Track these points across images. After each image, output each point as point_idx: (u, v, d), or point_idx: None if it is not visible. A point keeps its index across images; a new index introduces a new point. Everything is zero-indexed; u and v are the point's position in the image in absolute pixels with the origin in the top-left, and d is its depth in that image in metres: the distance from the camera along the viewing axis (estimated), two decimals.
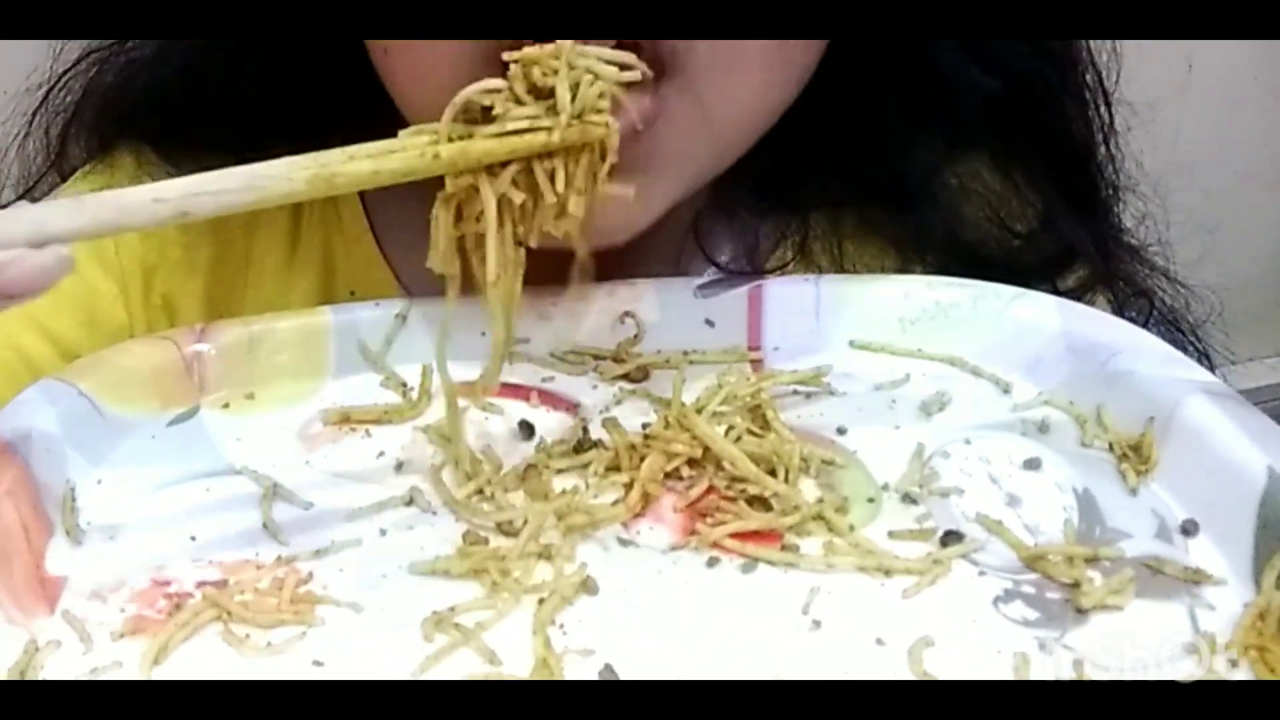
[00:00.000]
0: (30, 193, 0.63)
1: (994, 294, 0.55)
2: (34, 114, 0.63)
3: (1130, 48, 0.61)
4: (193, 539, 0.45)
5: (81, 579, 0.44)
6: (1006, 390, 0.53)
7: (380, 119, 0.55)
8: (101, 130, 0.62)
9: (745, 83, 0.51)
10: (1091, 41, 0.63)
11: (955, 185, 0.64)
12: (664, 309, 0.55)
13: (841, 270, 0.63)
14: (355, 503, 0.47)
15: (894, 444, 0.50)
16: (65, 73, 0.62)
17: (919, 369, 0.54)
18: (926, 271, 0.62)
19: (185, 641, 0.41)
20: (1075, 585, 0.43)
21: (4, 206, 0.63)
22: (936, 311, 0.55)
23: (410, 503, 0.47)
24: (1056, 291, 0.59)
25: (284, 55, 0.57)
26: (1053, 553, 0.44)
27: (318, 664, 0.40)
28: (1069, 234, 0.64)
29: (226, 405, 0.52)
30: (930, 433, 0.50)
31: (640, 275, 0.56)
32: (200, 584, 0.43)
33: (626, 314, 0.55)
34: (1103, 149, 0.64)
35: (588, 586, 0.43)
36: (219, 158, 0.57)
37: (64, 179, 0.63)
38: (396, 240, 0.62)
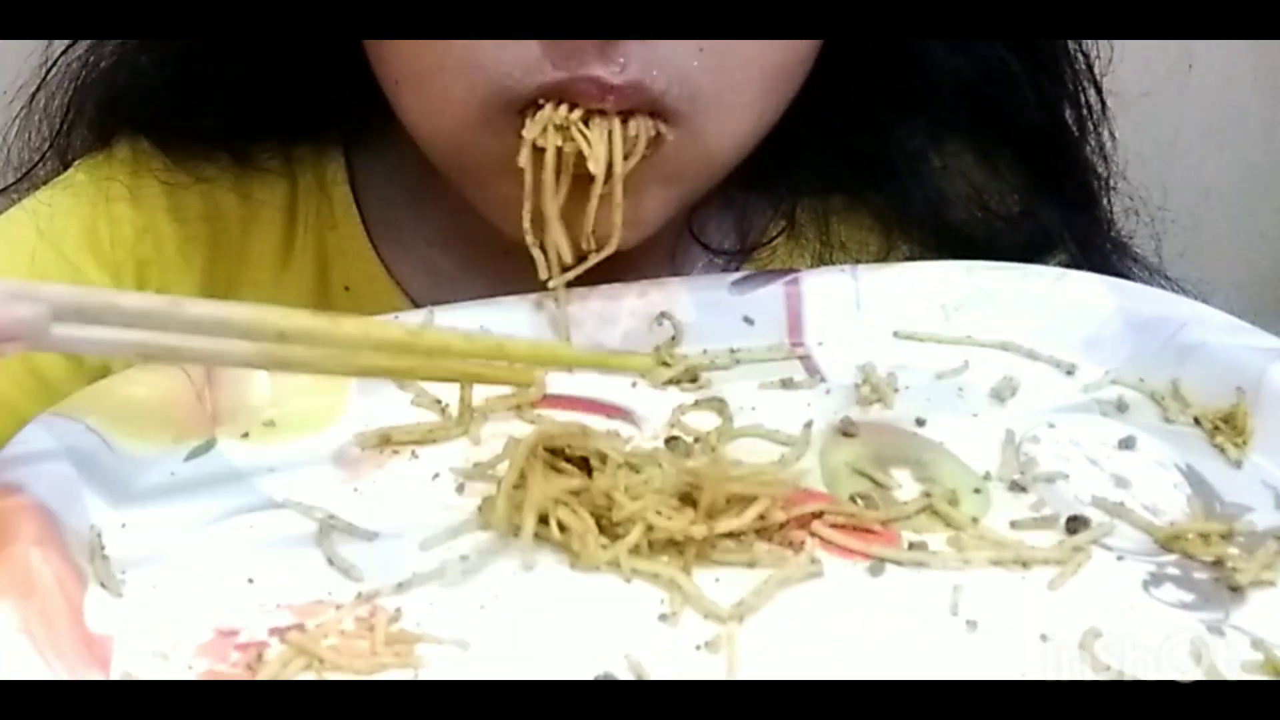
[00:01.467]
0: (30, 174, 0.60)
1: (1037, 275, 0.53)
2: (27, 108, 0.59)
3: (1130, 43, 0.60)
4: (250, 581, 0.40)
5: (132, 636, 0.38)
6: (1070, 372, 0.50)
7: (374, 110, 0.53)
8: (100, 122, 0.58)
9: (740, 124, 0.52)
10: None
11: (940, 166, 0.62)
12: (700, 308, 0.52)
13: (829, 247, 0.61)
14: (424, 530, 0.42)
15: (977, 432, 0.47)
16: (51, 66, 0.58)
17: (974, 356, 0.51)
18: (911, 249, 0.61)
19: None
20: (1218, 563, 0.41)
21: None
22: (979, 296, 0.53)
23: (487, 526, 0.42)
24: None
25: (272, 47, 0.54)
26: (1191, 531, 0.42)
27: None
28: (1047, 220, 0.63)
29: (246, 434, 0.46)
30: (1010, 419, 0.48)
31: (636, 260, 0.53)
32: (273, 631, 0.38)
33: (662, 315, 0.52)
34: (1092, 138, 0.63)
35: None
36: (213, 148, 0.55)
37: (65, 165, 0.60)
38: (389, 237, 0.59)
